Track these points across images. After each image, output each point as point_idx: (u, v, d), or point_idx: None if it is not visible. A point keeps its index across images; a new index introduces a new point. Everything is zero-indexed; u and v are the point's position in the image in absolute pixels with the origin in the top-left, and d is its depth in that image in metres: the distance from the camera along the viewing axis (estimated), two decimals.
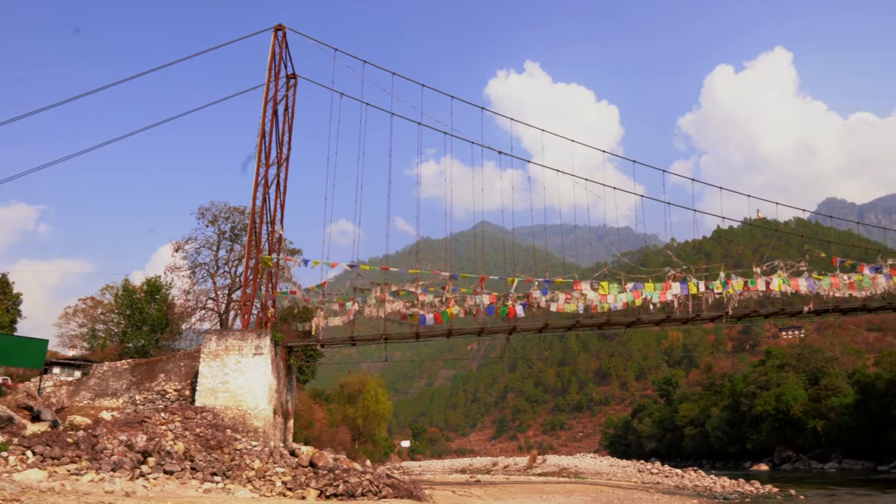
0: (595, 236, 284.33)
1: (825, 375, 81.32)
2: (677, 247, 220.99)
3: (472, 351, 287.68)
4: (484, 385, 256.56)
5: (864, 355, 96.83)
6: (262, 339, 30.78)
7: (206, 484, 19.84)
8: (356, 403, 68.09)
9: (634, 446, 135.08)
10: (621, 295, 31.91)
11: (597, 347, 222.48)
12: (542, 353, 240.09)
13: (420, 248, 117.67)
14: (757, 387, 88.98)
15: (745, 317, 34.84)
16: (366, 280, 34.32)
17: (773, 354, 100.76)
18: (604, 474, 50.50)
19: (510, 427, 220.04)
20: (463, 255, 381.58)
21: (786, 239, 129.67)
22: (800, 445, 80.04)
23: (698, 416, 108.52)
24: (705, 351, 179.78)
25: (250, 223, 33.44)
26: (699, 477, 46.10)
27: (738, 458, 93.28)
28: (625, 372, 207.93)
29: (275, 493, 19.93)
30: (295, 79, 36.87)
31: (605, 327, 35.50)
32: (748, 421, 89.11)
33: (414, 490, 22.33)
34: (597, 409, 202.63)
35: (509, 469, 64.39)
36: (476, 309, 32.24)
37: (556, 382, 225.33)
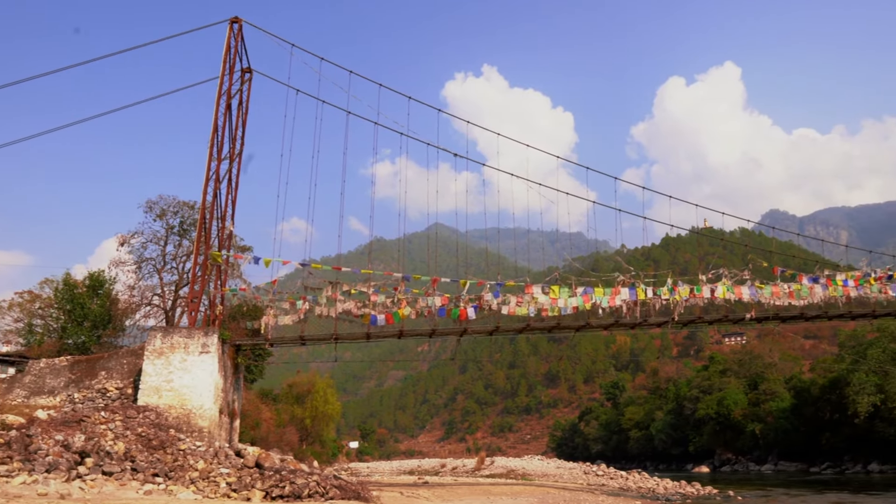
0: (547, 241, 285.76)
1: (764, 381, 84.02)
2: (627, 253, 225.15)
3: (422, 352, 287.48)
4: (434, 386, 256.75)
5: (801, 362, 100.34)
6: (209, 337, 30.15)
7: (148, 485, 19.32)
8: (305, 404, 67.32)
9: (581, 448, 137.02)
10: (571, 299, 32.31)
11: (546, 351, 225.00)
12: (492, 356, 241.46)
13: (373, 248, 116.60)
14: (700, 391, 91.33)
15: (690, 323, 35.67)
16: (317, 279, 33.96)
17: (716, 360, 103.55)
18: (551, 476, 51.05)
19: (459, 429, 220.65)
20: (416, 256, 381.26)
21: (731, 248, 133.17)
22: (739, 448, 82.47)
23: (643, 419, 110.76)
24: (652, 355, 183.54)
25: (200, 218, 32.73)
26: (643, 479, 47.01)
27: (680, 460, 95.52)
28: (573, 375, 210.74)
29: (219, 495, 19.54)
30: (250, 73, 36.27)
31: (555, 331, 35.91)
32: (691, 424, 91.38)
33: (361, 491, 22.18)
34: (545, 412, 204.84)
35: (457, 471, 64.55)
36: (428, 310, 32.23)
37: (506, 385, 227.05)
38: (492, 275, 34.91)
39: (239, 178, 35.61)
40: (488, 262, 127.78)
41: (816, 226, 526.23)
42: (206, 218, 32.62)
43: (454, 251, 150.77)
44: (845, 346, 76.01)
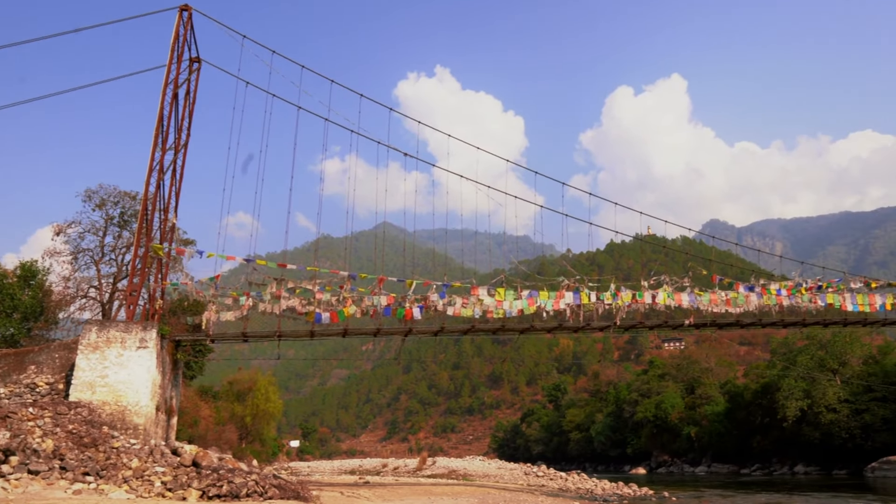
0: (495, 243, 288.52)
1: (700, 385, 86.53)
2: (572, 257, 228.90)
3: (367, 351, 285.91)
4: (377, 386, 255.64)
5: (735, 367, 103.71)
6: (147, 332, 29.33)
7: (77, 484, 18.66)
8: (245, 401, 66.13)
9: (522, 450, 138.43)
10: (517, 302, 32.63)
11: (490, 352, 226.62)
12: (436, 356, 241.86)
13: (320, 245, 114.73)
14: (639, 394, 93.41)
15: (631, 327, 36.43)
16: (262, 275, 33.40)
17: (655, 364, 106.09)
18: (492, 477, 51.42)
19: (402, 429, 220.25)
20: (363, 254, 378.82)
21: (672, 255, 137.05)
22: (675, 450, 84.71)
23: (584, 421, 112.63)
24: (593, 359, 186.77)
25: (142, 209, 31.82)
26: (582, 480, 47.79)
27: (619, 461, 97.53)
28: (516, 377, 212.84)
29: (153, 494, 19.02)
30: (199, 63, 35.42)
31: (499, 333, 36.20)
32: (630, 427, 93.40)
33: (301, 491, 21.91)
34: (488, 413, 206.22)
35: (399, 471, 64.44)
36: (373, 309, 32.07)
37: (450, 385, 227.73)
38: (438, 275, 35.00)
39: (184, 170, 34.79)
40: (435, 262, 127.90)
41: (754, 236, 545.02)
42: (148, 209, 31.73)
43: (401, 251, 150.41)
44: (777, 353, 79.05)
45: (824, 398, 60.39)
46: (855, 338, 65.95)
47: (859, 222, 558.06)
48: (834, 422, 59.24)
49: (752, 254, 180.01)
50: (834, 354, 64.96)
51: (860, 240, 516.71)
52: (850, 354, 65.45)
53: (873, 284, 40.60)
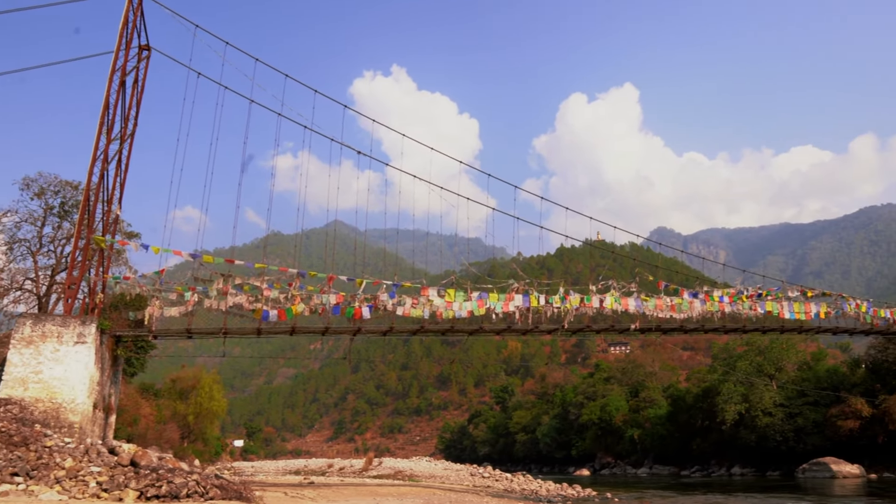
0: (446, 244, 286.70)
1: (644, 389, 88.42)
2: (523, 261, 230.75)
3: (314, 350, 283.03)
4: (325, 385, 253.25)
5: (678, 371, 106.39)
6: (86, 327, 28.36)
7: (5, 486, 17.89)
8: (188, 399, 64.66)
9: (469, 451, 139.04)
10: (466, 303, 32.74)
11: (439, 353, 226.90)
12: (385, 356, 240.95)
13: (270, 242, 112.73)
14: (585, 397, 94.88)
15: (579, 331, 36.94)
16: (209, 271, 32.69)
17: (601, 367, 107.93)
18: (438, 477, 51.45)
19: (349, 429, 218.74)
20: (313, 252, 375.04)
21: (620, 261, 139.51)
22: (618, 452, 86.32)
23: (530, 423, 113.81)
24: (541, 361, 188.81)
25: (84, 199, 30.76)
26: (527, 481, 48.21)
27: (564, 463, 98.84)
28: (464, 378, 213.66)
29: (87, 495, 18.38)
30: (148, 51, 34.46)
31: (448, 334, 36.23)
32: (575, 429, 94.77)
33: (244, 491, 21.50)
34: (435, 414, 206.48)
35: (345, 471, 63.92)
36: (322, 308, 31.74)
37: (398, 386, 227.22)
38: (389, 275, 34.86)
39: (129, 160, 33.76)
40: (386, 262, 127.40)
41: (699, 244, 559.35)
42: (91, 200, 30.70)
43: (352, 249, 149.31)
44: (718, 358, 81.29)
45: (761, 402, 62.49)
46: (791, 344, 68.42)
47: (797, 234, 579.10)
48: (769, 425, 61.37)
49: (696, 261, 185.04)
50: (771, 360, 67.23)
51: (798, 250, 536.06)
52: (785, 360, 67.89)
53: (809, 294, 42.14)
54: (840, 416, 57.48)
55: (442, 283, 34.14)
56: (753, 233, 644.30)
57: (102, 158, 31.26)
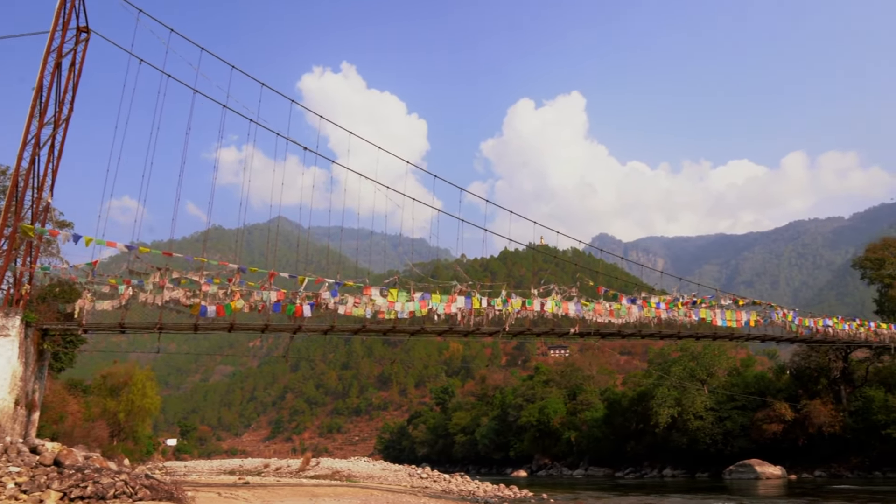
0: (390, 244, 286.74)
1: (582, 392, 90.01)
2: (467, 263, 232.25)
3: (253, 348, 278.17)
4: (263, 384, 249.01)
5: (615, 375, 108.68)
6: (10, 319, 27.12)
7: None
8: (119, 397, 62.59)
9: (408, 451, 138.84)
10: (409, 303, 32.66)
11: (381, 353, 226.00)
12: (325, 356, 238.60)
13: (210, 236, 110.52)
14: (524, 399, 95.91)
15: (519, 334, 37.32)
16: (145, 264, 31.67)
17: (540, 370, 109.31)
18: (376, 478, 51.19)
19: (286, 428, 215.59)
20: (255, 248, 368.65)
21: (562, 266, 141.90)
22: (555, 454, 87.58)
23: (470, 424, 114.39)
24: (482, 363, 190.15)
25: (12, 186, 29.41)
26: (465, 482, 48.40)
27: (501, 464, 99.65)
28: (405, 379, 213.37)
29: (4, 497, 17.54)
30: (87, 33, 33.15)
31: (390, 334, 36.11)
32: (513, 430, 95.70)
33: (175, 492, 20.91)
34: (375, 414, 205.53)
35: (281, 471, 62.90)
36: (262, 305, 31.15)
37: (338, 385, 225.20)
38: (332, 273, 34.50)
39: (63, 146, 32.43)
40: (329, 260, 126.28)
41: (638, 252, 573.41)
42: (20, 186, 29.37)
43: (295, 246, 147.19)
44: (653, 363, 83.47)
45: (693, 406, 64.42)
46: (722, 351, 70.81)
47: (731, 244, 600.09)
48: (700, 428, 63.35)
49: (636, 268, 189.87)
50: (703, 366, 69.39)
51: (731, 260, 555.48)
52: (717, 366, 70.21)
53: (740, 302, 43.66)
54: (765, 420, 59.88)
55: (385, 283, 33.99)
56: (690, 242, 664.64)
57: (34, 143, 29.96)
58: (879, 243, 67.88)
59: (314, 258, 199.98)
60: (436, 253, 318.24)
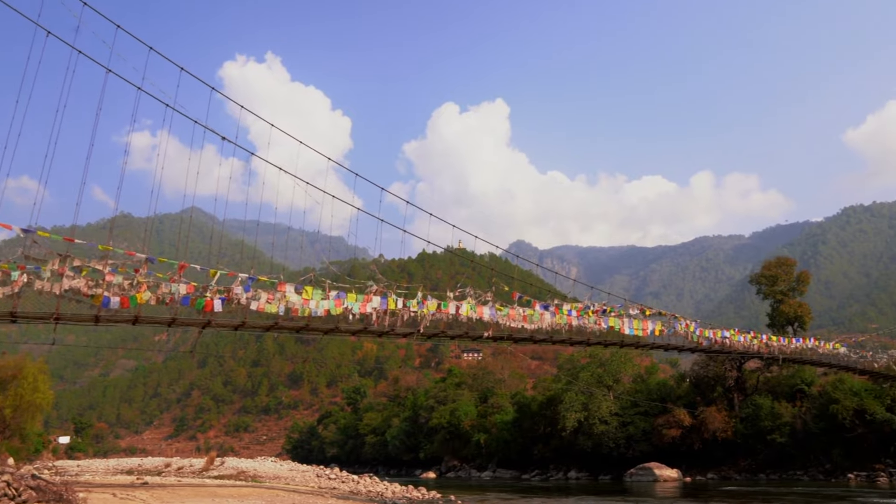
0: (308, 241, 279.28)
1: (493, 395, 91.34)
2: (384, 263, 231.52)
3: (159, 342, 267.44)
4: (168, 380, 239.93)
5: (526, 379, 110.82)
6: None
7: None
8: (7, 391, 58.73)
9: (317, 452, 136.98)
10: (323, 302, 32.22)
11: (293, 351, 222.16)
12: (235, 352, 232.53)
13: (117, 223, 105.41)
14: (436, 401, 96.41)
15: (434, 336, 37.49)
16: (43, 249, 29.86)
17: (453, 373, 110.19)
18: (283, 478, 50.19)
19: (191, 426, 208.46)
20: (166, 238, 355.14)
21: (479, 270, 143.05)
22: (464, 456, 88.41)
23: (381, 425, 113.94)
24: (395, 364, 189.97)
25: None
26: (373, 483, 48.17)
27: (411, 465, 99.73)
28: (317, 378, 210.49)
29: None
30: None
31: (303, 332, 35.53)
32: (424, 432, 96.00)
33: (65, 493, 19.85)
34: (284, 413, 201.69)
35: (183, 471, 60.67)
36: (170, 297, 29.96)
37: (247, 383, 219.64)
38: (246, 268, 33.59)
39: None
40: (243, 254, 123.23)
41: (553, 259, 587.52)
42: None
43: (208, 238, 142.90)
44: (563, 369, 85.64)
45: (599, 411, 66.59)
46: (628, 358, 73.52)
47: (641, 256, 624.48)
48: (605, 432, 65.55)
49: (550, 275, 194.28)
50: (610, 372, 71.84)
51: (641, 271, 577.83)
52: (623, 373, 72.91)
53: (647, 312, 45.46)
54: (665, 426, 62.67)
55: (300, 280, 33.40)
56: (603, 252, 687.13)
57: None
58: (774, 261, 72.42)
59: (228, 252, 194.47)
60: (354, 252, 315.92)
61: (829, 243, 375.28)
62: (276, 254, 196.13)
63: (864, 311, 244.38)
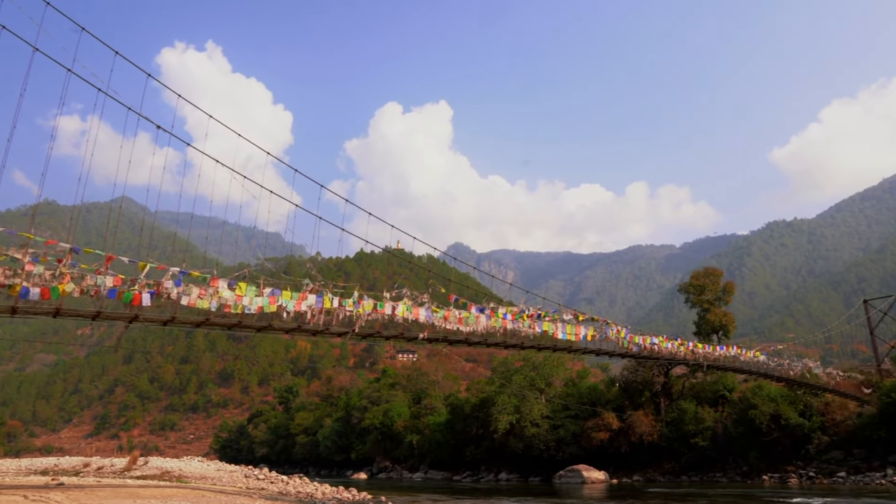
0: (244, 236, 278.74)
1: (427, 396, 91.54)
2: (321, 261, 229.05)
3: (82, 336, 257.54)
4: (90, 376, 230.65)
5: (460, 381, 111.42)
6: None
7: None
8: None
9: (247, 451, 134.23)
10: (257, 298, 31.54)
11: (224, 348, 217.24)
12: (164, 348, 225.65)
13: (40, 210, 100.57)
14: (369, 402, 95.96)
15: (369, 336, 37.20)
16: None
17: (388, 373, 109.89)
18: (209, 479, 48.93)
19: (114, 424, 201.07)
20: (93, 228, 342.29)
21: (417, 271, 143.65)
22: (397, 457, 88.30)
23: (312, 425, 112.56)
24: (329, 364, 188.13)
25: None
26: (303, 483, 47.54)
27: (343, 466, 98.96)
28: (249, 376, 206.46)
29: None
30: None
31: (235, 328, 34.69)
32: (356, 433, 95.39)
33: None
34: (213, 412, 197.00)
35: (103, 471, 58.41)
36: (95, 290, 28.80)
37: (175, 380, 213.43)
38: (177, 261, 32.59)
39: None
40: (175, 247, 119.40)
41: (491, 263, 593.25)
42: None
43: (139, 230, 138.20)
44: (497, 371, 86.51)
45: (530, 414, 67.59)
46: (560, 362, 74.94)
47: (576, 262, 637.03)
48: (535, 435, 66.57)
49: (487, 279, 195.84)
50: (543, 376, 73.03)
51: (576, 277, 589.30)
52: (555, 376, 74.24)
53: (580, 318, 46.32)
54: (594, 429, 64.13)
55: (234, 276, 32.65)
56: (540, 258, 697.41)
57: None
58: (702, 272, 75.04)
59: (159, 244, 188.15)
60: (290, 249, 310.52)
61: (753, 256, 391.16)
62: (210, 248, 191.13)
63: (783, 321, 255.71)
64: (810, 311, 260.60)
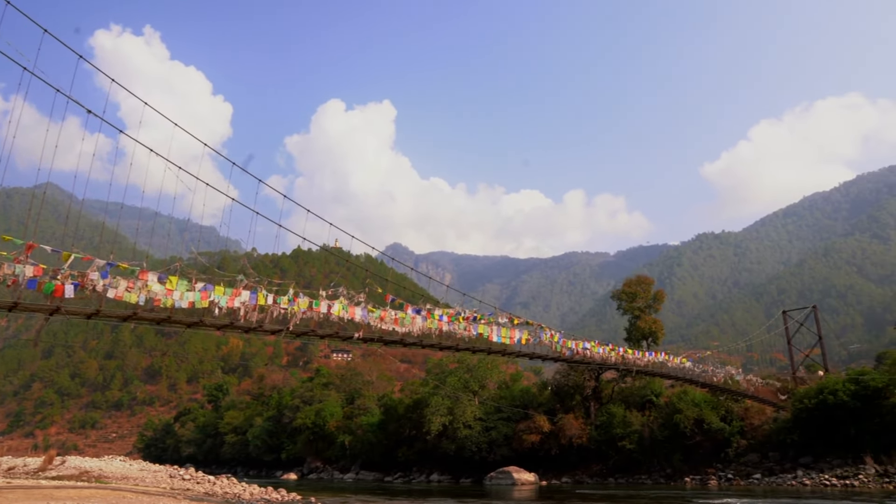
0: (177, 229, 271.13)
1: (360, 396, 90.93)
2: (257, 257, 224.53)
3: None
4: (4, 370, 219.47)
5: (394, 382, 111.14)
6: None
7: None
8: None
9: (172, 451, 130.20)
10: (189, 293, 30.67)
11: (152, 344, 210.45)
12: (87, 343, 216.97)
13: None
14: (301, 401, 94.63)
15: (303, 334, 36.69)
16: None
17: (321, 373, 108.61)
18: (132, 479, 47.27)
19: (29, 422, 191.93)
20: (14, 214, 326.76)
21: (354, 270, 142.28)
22: (328, 457, 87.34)
23: (242, 424, 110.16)
24: (261, 362, 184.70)
25: None
26: (231, 484, 46.54)
27: (272, 466, 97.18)
28: (177, 373, 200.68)
29: None
30: None
31: (164, 324, 33.60)
32: (287, 432, 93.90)
33: None
34: (138, 409, 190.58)
35: (15, 471, 55.61)
36: (13, 279, 27.44)
37: (98, 376, 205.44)
38: (105, 253, 31.40)
39: None
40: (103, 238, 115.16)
41: (429, 264, 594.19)
42: None
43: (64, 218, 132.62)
44: (431, 373, 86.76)
45: (464, 416, 67.98)
46: (495, 365, 75.64)
47: (513, 266, 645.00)
48: (468, 437, 66.99)
49: (424, 280, 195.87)
50: (477, 378, 73.55)
51: (512, 281, 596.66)
52: (489, 379, 74.89)
53: (515, 321, 46.91)
54: (526, 431, 65.05)
55: (165, 269, 31.66)
56: (478, 261, 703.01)
57: None
58: (634, 280, 77.11)
59: (86, 234, 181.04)
60: (225, 243, 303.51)
61: (683, 266, 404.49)
62: (141, 240, 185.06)
63: (709, 329, 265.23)
64: (734, 321, 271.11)
